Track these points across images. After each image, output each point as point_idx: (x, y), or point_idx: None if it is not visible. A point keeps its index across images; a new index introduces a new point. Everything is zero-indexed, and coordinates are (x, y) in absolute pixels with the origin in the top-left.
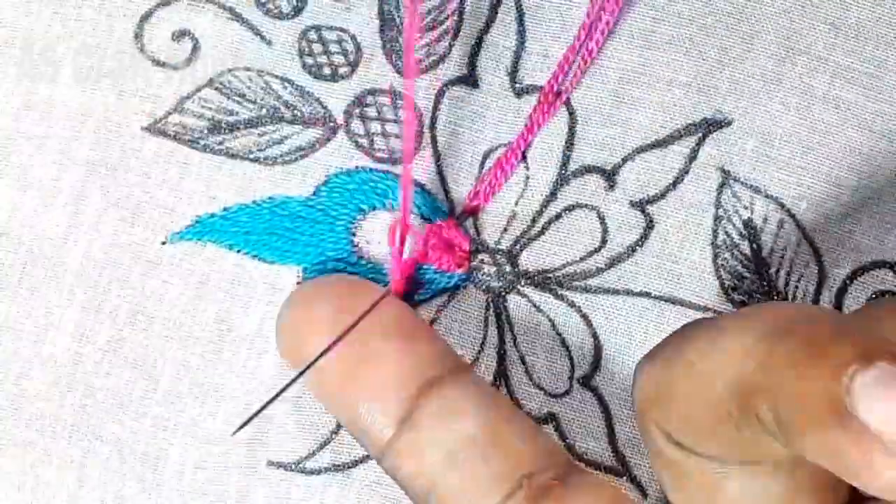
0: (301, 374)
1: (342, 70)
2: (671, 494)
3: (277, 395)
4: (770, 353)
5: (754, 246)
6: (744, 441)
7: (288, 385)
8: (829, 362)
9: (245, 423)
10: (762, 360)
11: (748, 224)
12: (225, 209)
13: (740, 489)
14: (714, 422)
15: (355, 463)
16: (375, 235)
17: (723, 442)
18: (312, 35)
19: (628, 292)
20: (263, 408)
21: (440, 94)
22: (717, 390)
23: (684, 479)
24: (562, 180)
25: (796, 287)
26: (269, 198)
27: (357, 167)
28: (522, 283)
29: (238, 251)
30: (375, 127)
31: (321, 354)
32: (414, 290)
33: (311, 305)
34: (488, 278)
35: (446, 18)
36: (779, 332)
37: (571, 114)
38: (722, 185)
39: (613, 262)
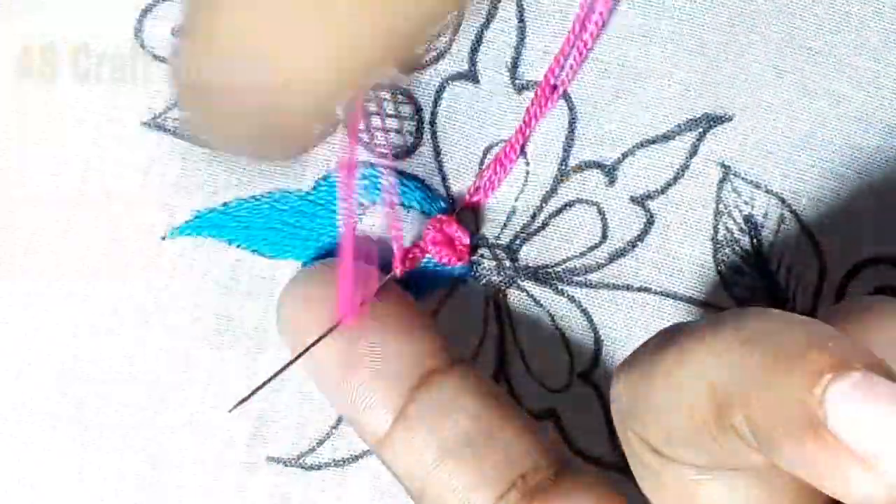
0: (295, 359)
1: None
2: (650, 498)
3: (272, 377)
4: (744, 361)
5: (755, 241)
6: (721, 449)
7: (281, 370)
8: (803, 371)
9: (240, 403)
10: (736, 369)
11: (749, 219)
12: (224, 204)
13: (719, 495)
14: (691, 430)
15: (355, 458)
16: (375, 230)
17: (700, 450)
18: None
19: (628, 287)
20: (259, 388)
21: (440, 90)
22: (693, 399)
23: (663, 484)
24: (562, 176)
25: (797, 283)
26: (269, 193)
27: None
28: (522, 278)
29: (238, 246)
30: (375, 122)
31: (316, 341)
32: (414, 284)
33: (313, 288)
34: (488, 273)
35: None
36: (753, 339)
37: (571, 109)
38: (722, 181)
39: (614, 258)
